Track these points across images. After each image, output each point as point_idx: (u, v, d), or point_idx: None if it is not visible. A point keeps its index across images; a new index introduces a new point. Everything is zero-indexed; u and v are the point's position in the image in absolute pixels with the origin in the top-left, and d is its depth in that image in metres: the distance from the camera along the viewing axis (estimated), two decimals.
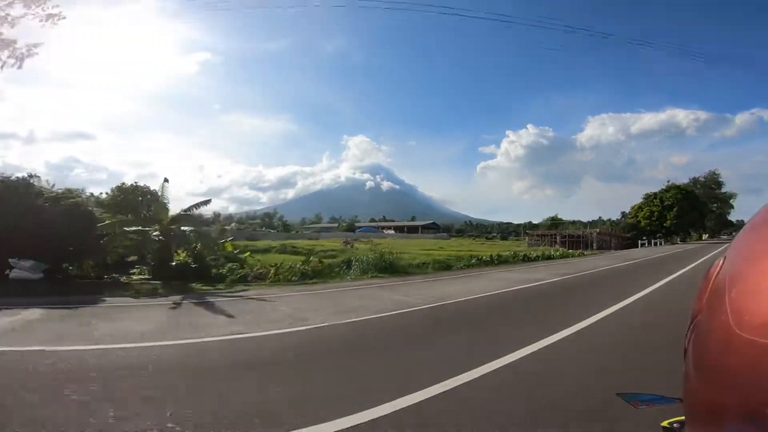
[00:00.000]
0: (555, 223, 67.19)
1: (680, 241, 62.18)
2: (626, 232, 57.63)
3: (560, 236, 51.07)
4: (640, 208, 62.96)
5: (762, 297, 0.61)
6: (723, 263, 0.79)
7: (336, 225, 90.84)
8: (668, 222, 58.19)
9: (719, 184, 75.72)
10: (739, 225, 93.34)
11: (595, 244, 47.32)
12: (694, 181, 76.99)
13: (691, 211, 58.72)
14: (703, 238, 79.23)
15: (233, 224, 64.69)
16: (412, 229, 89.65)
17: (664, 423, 0.85)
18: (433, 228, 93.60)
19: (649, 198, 63.52)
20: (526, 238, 57.55)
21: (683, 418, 0.84)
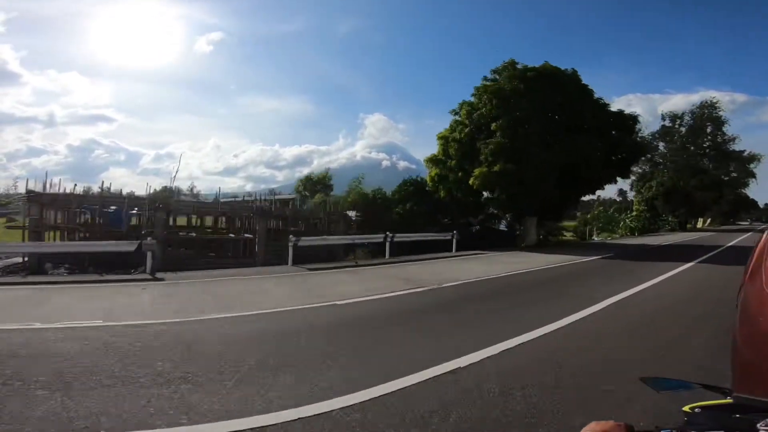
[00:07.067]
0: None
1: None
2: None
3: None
4: (445, 138, 17.41)
5: None
6: (765, 236, 0.91)
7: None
8: (499, 191, 15.56)
9: (720, 127, 37.21)
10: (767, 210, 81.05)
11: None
12: (672, 118, 38.72)
13: (576, 135, 15.27)
14: (701, 226, 43.17)
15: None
16: None
17: (686, 408, 0.87)
18: None
19: (462, 107, 17.50)
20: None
21: (705, 403, 0.86)
